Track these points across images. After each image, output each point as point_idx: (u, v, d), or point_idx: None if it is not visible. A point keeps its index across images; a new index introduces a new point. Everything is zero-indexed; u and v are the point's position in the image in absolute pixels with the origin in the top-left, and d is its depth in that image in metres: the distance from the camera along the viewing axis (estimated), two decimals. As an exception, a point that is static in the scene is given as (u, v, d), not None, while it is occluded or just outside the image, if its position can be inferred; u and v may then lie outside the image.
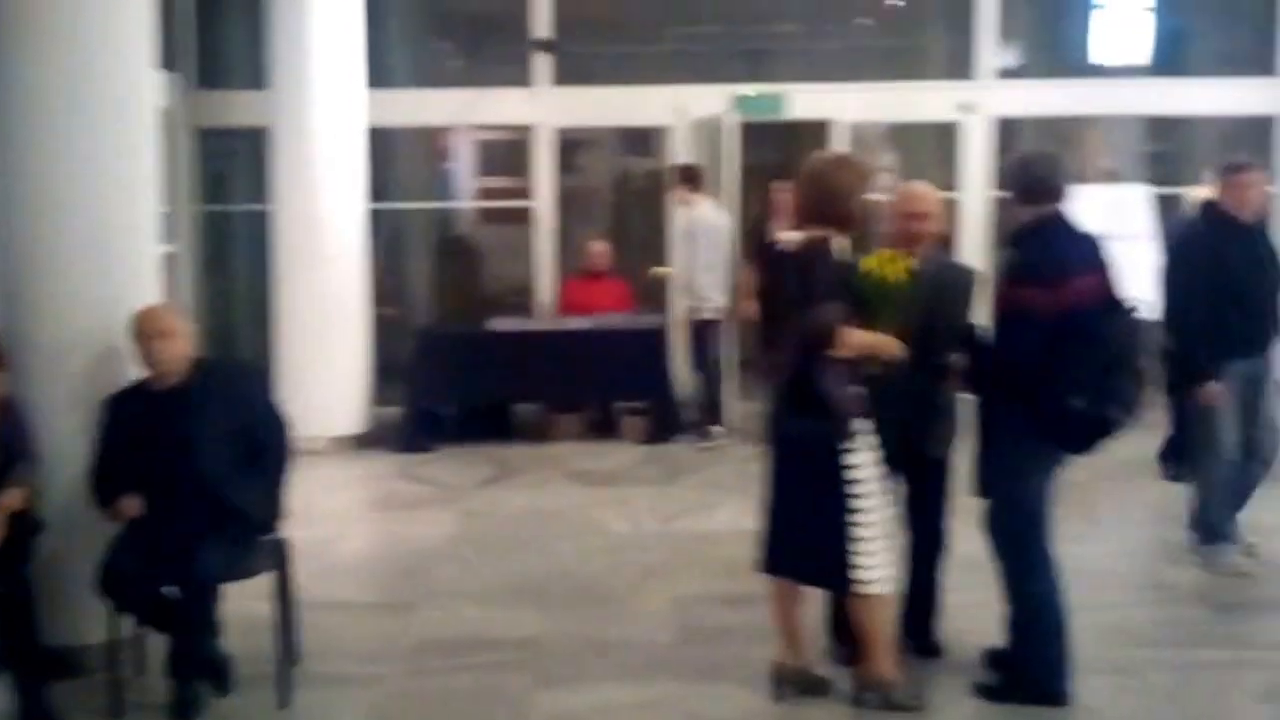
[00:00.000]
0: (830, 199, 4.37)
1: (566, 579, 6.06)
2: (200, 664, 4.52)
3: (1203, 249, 5.94)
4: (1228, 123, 11.17)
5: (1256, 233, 6.06)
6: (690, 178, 9.12)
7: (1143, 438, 6.81)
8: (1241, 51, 11.07)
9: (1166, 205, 9.61)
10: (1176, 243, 6.31)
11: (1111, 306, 4.35)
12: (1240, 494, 6.09)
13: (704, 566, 6.11)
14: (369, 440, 8.92)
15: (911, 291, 4.33)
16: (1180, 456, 7.64)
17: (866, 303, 4.29)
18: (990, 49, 10.55)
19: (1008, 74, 10.90)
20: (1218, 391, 5.81)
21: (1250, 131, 10.88)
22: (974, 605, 4.88)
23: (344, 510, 7.58)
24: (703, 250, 8.85)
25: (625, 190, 11.94)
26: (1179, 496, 7.19)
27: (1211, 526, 6.04)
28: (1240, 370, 5.87)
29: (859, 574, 4.28)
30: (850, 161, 4.66)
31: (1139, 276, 9.00)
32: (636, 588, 5.89)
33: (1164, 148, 11.85)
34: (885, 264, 4.30)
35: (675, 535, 6.80)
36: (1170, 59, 10.93)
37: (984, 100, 10.48)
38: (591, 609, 5.64)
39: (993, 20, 10.50)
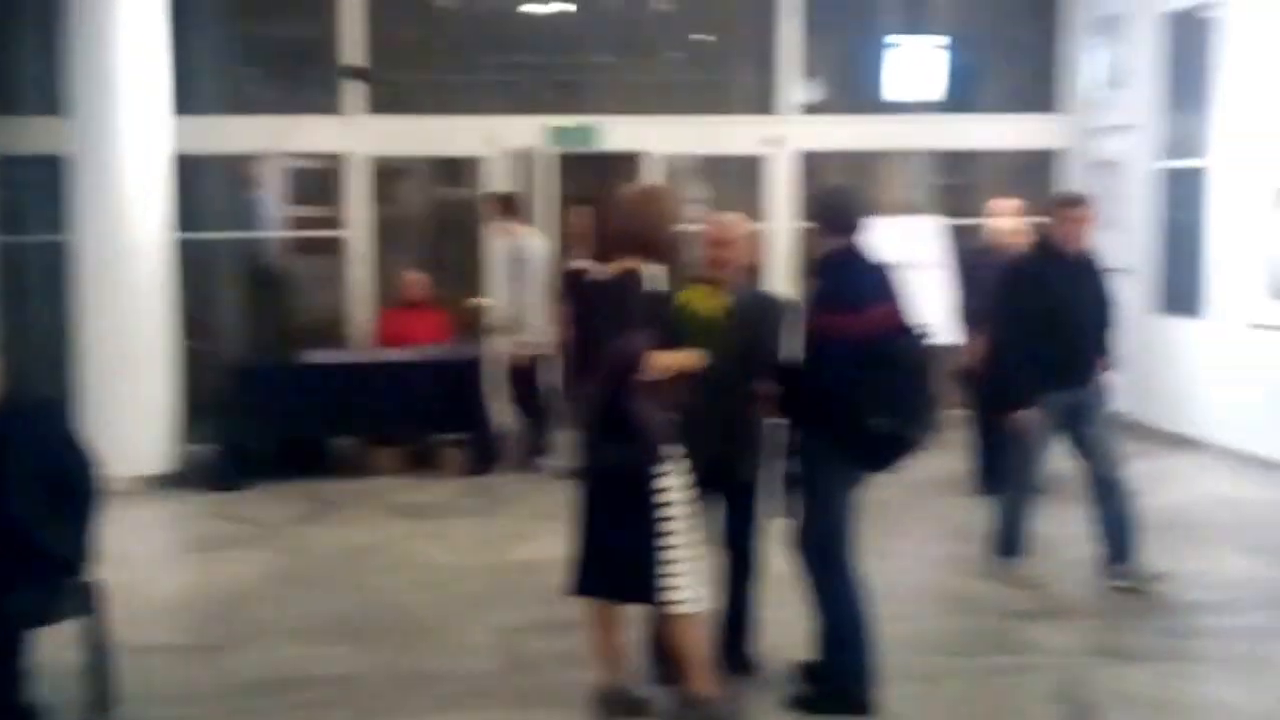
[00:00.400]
0: (642, 230, 4.49)
1: (387, 613, 6.06)
2: (10, 714, 4.39)
3: (1030, 280, 6.09)
4: (1012, 157, 11.83)
5: (1084, 265, 6.19)
6: (510, 207, 9.16)
7: (940, 457, 7.15)
8: (1025, 90, 11.74)
9: (957, 236, 10.10)
10: (1006, 273, 6.39)
11: (907, 332, 4.59)
12: (1111, 530, 6.13)
13: (526, 595, 6.19)
14: (180, 479, 8.73)
15: (725, 327, 4.50)
16: (994, 476, 8.08)
17: (681, 335, 4.44)
18: (793, 85, 10.95)
19: (810, 109, 11.33)
20: (1030, 419, 6.00)
21: (1033, 165, 11.55)
22: (786, 621, 5.08)
23: (156, 551, 7.42)
24: (528, 282, 8.85)
25: (441, 220, 11.92)
26: (975, 513, 7.60)
27: (1006, 540, 6.32)
28: (1060, 400, 6.01)
29: (670, 594, 4.42)
30: (661, 193, 4.79)
31: (931, 304, 9.53)
32: (459, 619, 5.94)
33: (954, 181, 12.45)
34: (702, 300, 4.45)
35: (497, 566, 6.86)
36: (960, 97, 11.53)
37: (788, 134, 10.87)
38: (413, 642, 5.66)
39: (795, 58, 10.90)
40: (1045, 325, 5.92)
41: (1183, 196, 9.51)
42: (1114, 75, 10.70)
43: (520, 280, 8.88)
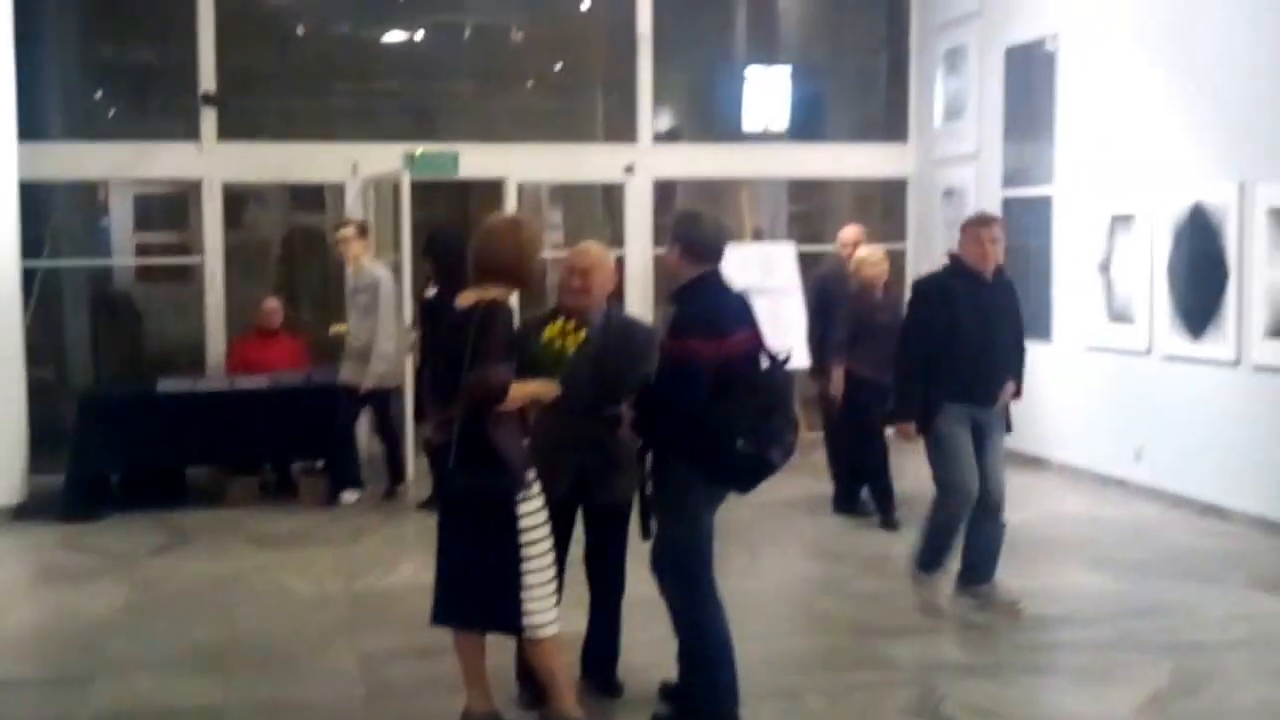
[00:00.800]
0: (504, 259, 4.53)
1: (248, 644, 5.97)
2: None
3: (933, 296, 6.13)
4: (863, 184, 12.19)
5: (996, 285, 6.16)
6: (360, 235, 9.01)
7: (797, 478, 7.33)
8: (875, 120, 12.12)
9: (811, 262, 10.35)
10: (914, 288, 6.43)
11: (766, 357, 4.70)
12: (980, 551, 6.18)
13: (389, 623, 6.16)
14: (28, 510, 8.47)
15: (585, 354, 4.57)
16: (853, 498, 8.30)
17: (541, 366, 4.49)
18: (649, 114, 11.12)
19: (666, 138, 11.52)
20: (913, 432, 6.09)
21: (886, 193, 11.92)
22: (650, 642, 5.15)
23: (5, 584, 7.18)
24: (378, 311, 8.72)
25: (297, 247, 11.80)
26: (832, 532, 7.80)
27: (932, 552, 6.19)
28: (965, 412, 6.03)
29: (531, 619, 4.45)
30: (524, 222, 4.82)
31: (788, 328, 9.75)
32: (322, 648, 5.88)
33: (807, 208, 12.77)
34: (563, 335, 4.50)
35: (359, 594, 6.80)
36: (812, 126, 11.85)
37: (644, 162, 11.03)
38: (276, 672, 5.59)
39: (650, 88, 11.08)
40: (951, 340, 5.94)
41: (1029, 224, 9.88)
42: (958, 106, 11.11)
43: (370, 309, 8.74)
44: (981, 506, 6.11)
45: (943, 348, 5.97)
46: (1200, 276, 8.26)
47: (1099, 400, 8.86)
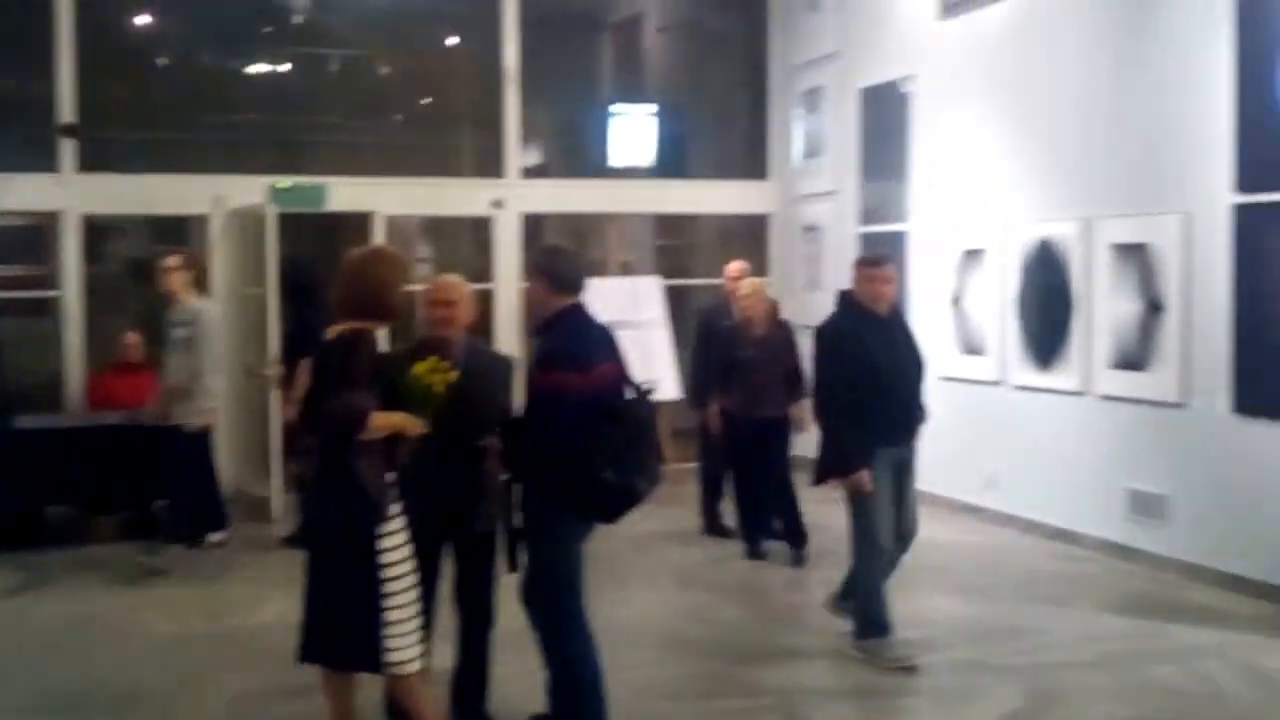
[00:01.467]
0: (370, 292, 4.49)
1: (109, 686, 5.79)
2: None
3: (845, 341, 5.99)
4: (727, 220, 12.38)
5: (893, 323, 6.18)
6: (188, 270, 8.63)
7: (665, 509, 7.40)
8: (738, 157, 12.32)
9: (677, 295, 10.46)
10: (821, 335, 6.20)
11: (632, 388, 4.75)
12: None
13: (257, 661, 6.03)
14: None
15: (453, 387, 4.56)
16: (759, 530, 8.14)
17: (408, 401, 4.47)
18: (517, 149, 11.16)
19: (533, 173, 11.56)
20: (863, 480, 5.87)
21: (748, 228, 12.11)
22: (520, 674, 5.14)
23: None
24: (202, 348, 8.38)
25: (159, 280, 11.52)
26: (700, 561, 7.87)
27: (872, 619, 6.00)
28: (889, 456, 6.00)
29: (393, 655, 4.40)
30: (389, 255, 4.79)
31: (654, 360, 9.83)
32: (186, 689, 5.73)
33: (673, 242, 12.93)
34: (431, 373, 4.49)
35: (224, 633, 6.65)
36: (677, 163, 12.01)
37: (512, 197, 11.05)
38: (137, 714, 5.44)
39: (518, 123, 11.12)
40: (868, 385, 5.87)
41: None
42: (817, 145, 11.36)
43: (192, 344, 8.39)
44: (896, 537, 6.14)
45: (864, 393, 5.88)
46: (1048, 309, 8.56)
47: (953, 429, 9.08)
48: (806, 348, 7.16)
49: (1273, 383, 6.90)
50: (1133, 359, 7.85)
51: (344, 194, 10.34)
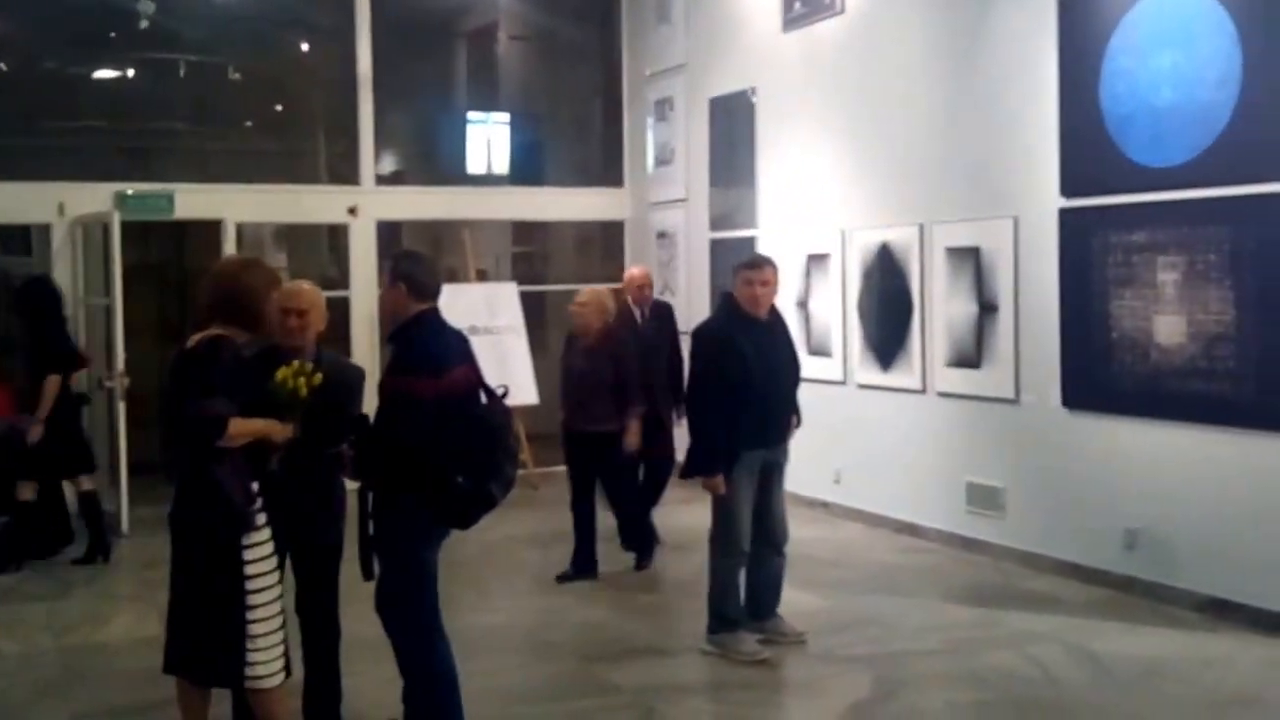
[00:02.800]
0: (241, 299, 4.36)
1: (-53, 710, 5.50)
2: None
3: (720, 342, 5.96)
4: (583, 227, 12.35)
5: (772, 326, 6.13)
6: None
7: (523, 512, 7.33)
8: (593, 165, 12.31)
9: (535, 302, 10.39)
10: (697, 336, 6.15)
11: (486, 393, 4.66)
12: (765, 586, 6.24)
13: (102, 679, 5.78)
14: None
15: (311, 393, 4.43)
16: (633, 537, 7.82)
17: (274, 407, 4.33)
18: (371, 157, 10.96)
19: (389, 180, 11.38)
20: (722, 484, 5.86)
21: (603, 235, 12.11)
22: (376, 683, 5.03)
23: None
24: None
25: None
26: (557, 564, 7.79)
27: (722, 615, 6.04)
28: (758, 459, 6.00)
29: (254, 669, 4.26)
30: (257, 264, 4.65)
31: (512, 365, 9.75)
32: (30, 709, 5.47)
33: (530, 249, 12.85)
34: (295, 376, 4.36)
35: (70, 650, 6.36)
36: (533, 170, 11.94)
37: (368, 204, 10.85)
38: (-24, 738, 5.18)
39: (372, 130, 10.92)
40: (742, 388, 5.85)
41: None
42: (668, 153, 11.40)
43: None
44: (767, 542, 6.16)
45: (735, 394, 5.86)
46: (888, 311, 8.72)
47: (802, 428, 9.19)
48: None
49: (1099, 378, 7.13)
50: (968, 358, 8.04)
51: (193, 201, 10.03)
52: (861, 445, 9.00)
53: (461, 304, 9.43)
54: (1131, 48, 6.86)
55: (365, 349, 10.35)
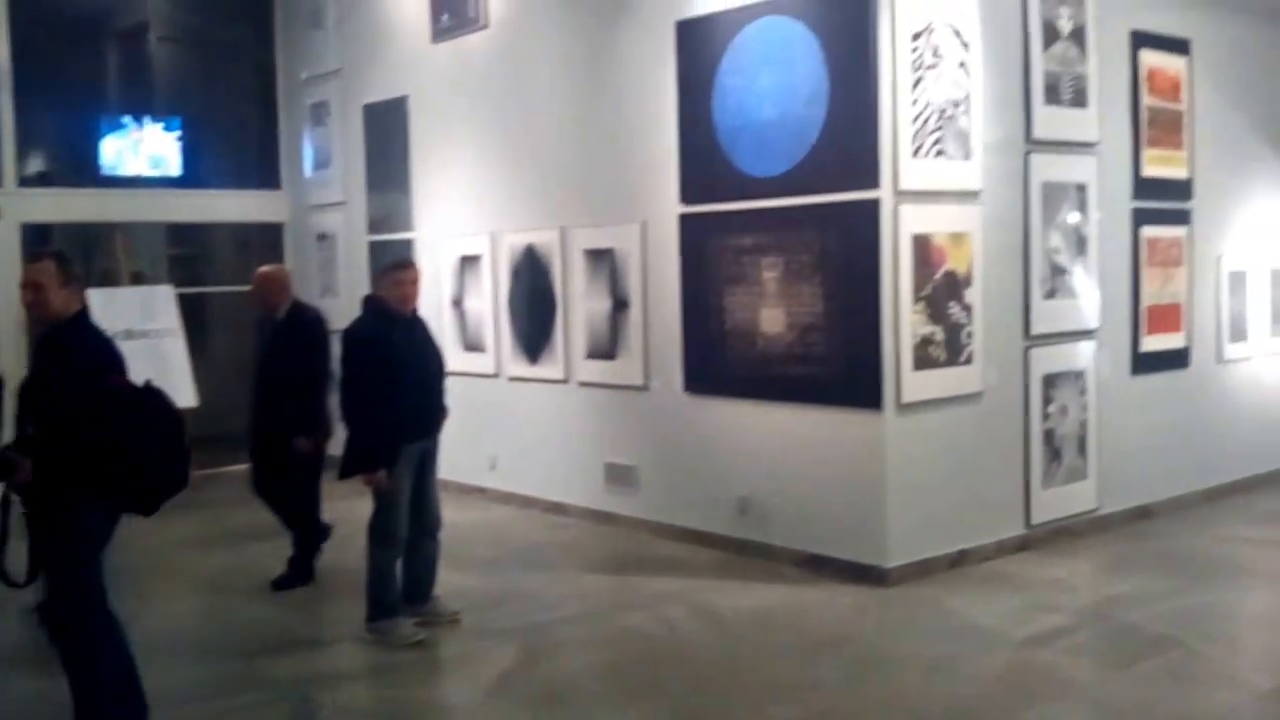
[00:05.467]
0: None
1: None
2: None
3: (371, 343, 5.96)
4: (244, 229, 12.03)
5: (416, 324, 6.24)
6: None
7: (188, 513, 7.13)
8: (251, 168, 12.00)
9: (195, 304, 10.05)
10: (347, 338, 6.09)
11: (151, 393, 4.50)
12: (422, 571, 6.32)
13: None
14: None
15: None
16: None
17: None
18: (12, 157, 10.30)
19: (35, 181, 10.72)
20: (389, 478, 5.91)
21: (262, 237, 11.83)
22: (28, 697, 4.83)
23: None
24: None
25: None
26: (218, 566, 7.63)
27: (381, 602, 6.09)
28: (414, 451, 6.08)
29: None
30: None
31: (170, 368, 9.43)
32: None
33: (187, 251, 12.39)
34: None
35: None
36: (191, 172, 11.50)
37: (12, 206, 10.19)
38: None
39: (12, 129, 10.27)
40: (395, 385, 5.89)
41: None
42: (325, 157, 11.28)
43: None
44: (423, 529, 6.24)
45: (393, 390, 5.89)
46: (534, 308, 9.01)
47: (458, 419, 9.31)
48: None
49: (714, 364, 7.66)
50: (604, 349, 8.45)
51: None
52: (513, 433, 9.27)
53: (116, 307, 9.04)
54: (740, 68, 7.35)
55: (8, 353, 9.71)
